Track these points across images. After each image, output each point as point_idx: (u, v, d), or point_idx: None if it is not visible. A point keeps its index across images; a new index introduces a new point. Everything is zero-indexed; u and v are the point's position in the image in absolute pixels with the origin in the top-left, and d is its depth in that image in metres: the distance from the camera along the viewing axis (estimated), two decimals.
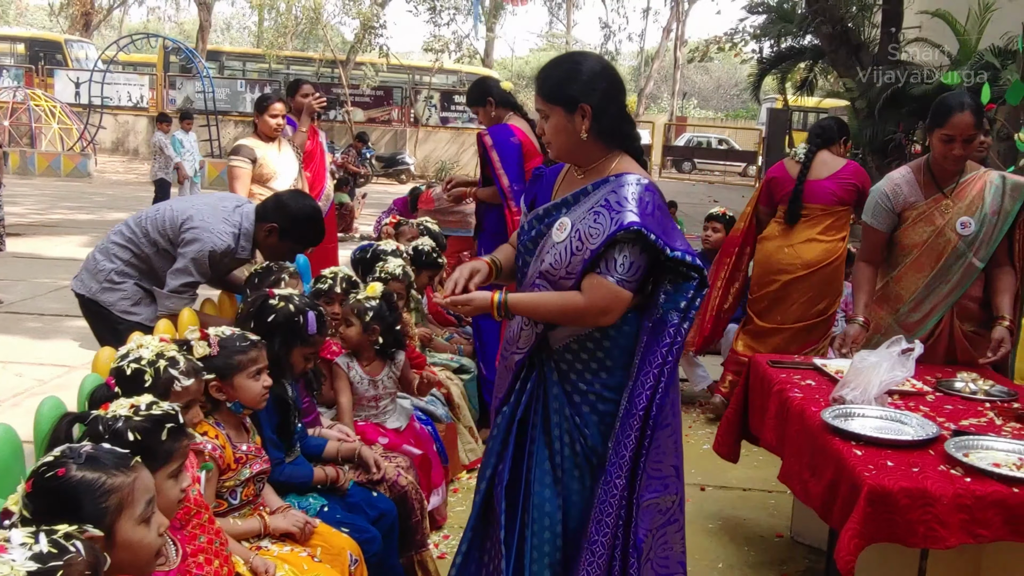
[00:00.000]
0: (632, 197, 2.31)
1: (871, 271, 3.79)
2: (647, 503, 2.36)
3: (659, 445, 2.37)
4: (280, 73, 26.72)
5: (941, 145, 3.53)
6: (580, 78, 2.39)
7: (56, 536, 1.35)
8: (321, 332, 2.82)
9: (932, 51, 15.59)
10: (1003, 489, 2.38)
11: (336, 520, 2.61)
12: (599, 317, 2.33)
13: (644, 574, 2.37)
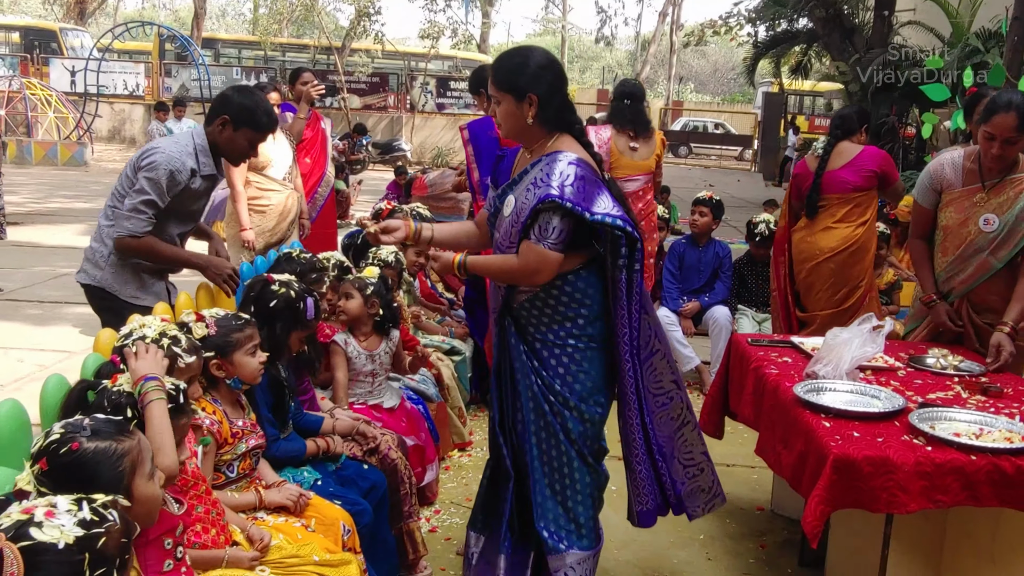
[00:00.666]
0: (557, 172, 2.66)
1: (924, 246, 3.86)
2: (659, 416, 2.89)
3: (653, 369, 2.85)
4: (276, 60, 26.76)
5: (983, 142, 3.55)
6: (529, 70, 2.73)
7: (96, 505, 1.46)
8: (317, 317, 2.94)
9: (926, 34, 15.68)
10: (962, 457, 2.50)
11: (329, 493, 2.74)
12: (532, 277, 2.70)
13: (674, 471, 2.94)
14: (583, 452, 2.83)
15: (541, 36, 54.23)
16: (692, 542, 3.62)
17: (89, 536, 1.42)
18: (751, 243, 5.94)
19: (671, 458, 2.93)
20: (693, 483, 2.98)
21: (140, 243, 3.33)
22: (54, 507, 1.44)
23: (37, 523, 1.41)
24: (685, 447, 2.96)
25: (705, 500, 3.02)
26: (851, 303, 4.89)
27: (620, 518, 3.75)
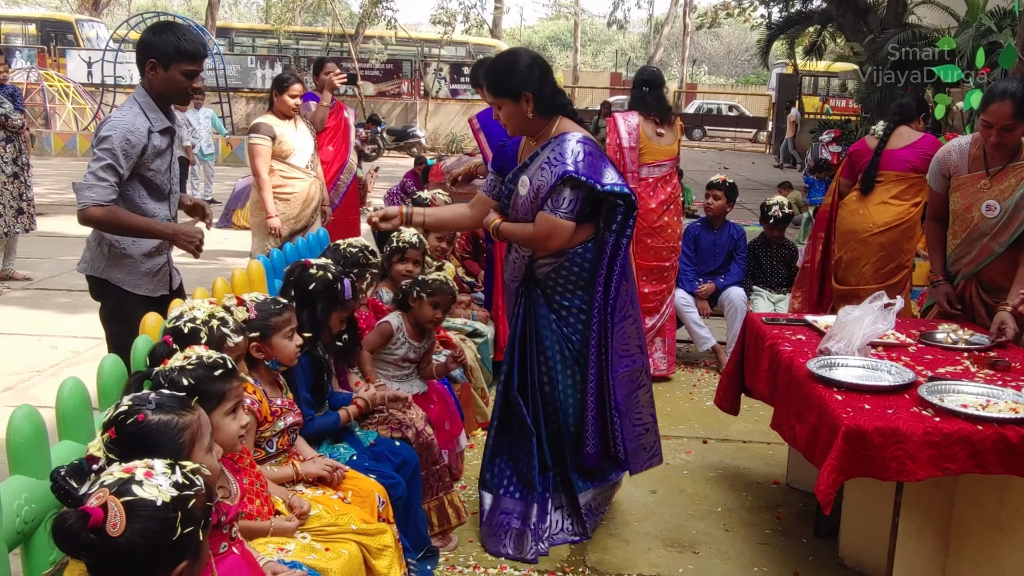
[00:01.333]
0: (569, 151, 3.11)
1: (938, 228, 3.99)
2: (620, 376, 3.27)
3: (623, 332, 3.26)
4: (290, 48, 26.89)
5: (982, 130, 3.66)
6: (518, 72, 3.15)
7: (187, 470, 1.61)
8: (355, 297, 3.07)
9: (941, 13, 15.61)
10: (968, 427, 2.62)
11: (364, 467, 2.87)
12: (546, 242, 3.16)
13: (625, 428, 3.31)
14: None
15: (554, 20, 54.10)
16: (710, 514, 3.74)
17: (182, 496, 1.56)
18: (765, 225, 6.03)
19: (624, 416, 3.31)
20: (638, 441, 3.40)
21: (105, 212, 3.19)
22: (152, 468, 1.58)
23: (138, 481, 1.55)
24: (637, 408, 3.39)
25: (645, 458, 3.47)
26: (897, 280, 5.01)
27: (641, 492, 3.91)
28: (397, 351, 3.64)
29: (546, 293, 3.25)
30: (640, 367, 3.36)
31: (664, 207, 5.38)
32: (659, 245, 5.37)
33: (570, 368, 3.27)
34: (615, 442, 3.30)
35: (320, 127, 6.31)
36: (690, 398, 5.23)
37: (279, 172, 5.69)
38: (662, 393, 5.29)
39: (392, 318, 3.67)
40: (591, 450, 3.31)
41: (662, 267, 5.42)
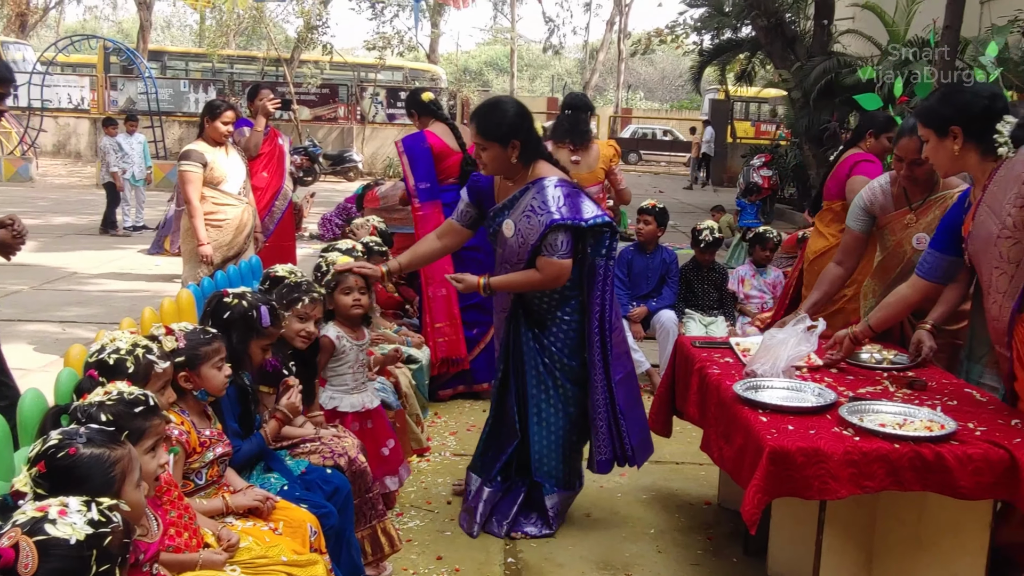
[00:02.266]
0: (551, 198, 3.42)
1: (836, 272, 4.02)
2: (619, 382, 3.62)
3: (615, 342, 3.63)
4: (224, 72, 26.62)
5: (895, 163, 3.81)
6: (508, 120, 3.44)
7: (103, 507, 1.59)
8: (275, 324, 3.05)
9: (865, 42, 16.15)
10: (886, 446, 2.70)
11: (296, 497, 2.84)
12: (555, 282, 3.50)
13: (630, 428, 3.67)
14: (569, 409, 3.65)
15: (490, 45, 54.49)
16: (643, 536, 3.79)
17: (97, 535, 1.54)
18: (696, 249, 6.15)
19: (628, 416, 3.65)
20: (640, 437, 3.75)
21: None
22: (66, 507, 1.57)
23: (51, 520, 1.54)
24: (636, 406, 3.76)
25: (645, 451, 3.82)
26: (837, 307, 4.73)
27: (576, 515, 3.93)
28: (348, 357, 3.64)
29: (537, 317, 3.62)
30: (632, 370, 3.82)
31: None
32: None
33: (543, 384, 3.63)
34: (621, 444, 3.65)
35: (254, 153, 6.27)
36: None
37: (211, 199, 5.64)
38: None
39: (328, 329, 3.65)
40: (604, 457, 3.66)
41: None
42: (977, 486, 2.68)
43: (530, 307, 3.62)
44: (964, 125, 3.02)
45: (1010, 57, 9.03)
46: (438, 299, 5.33)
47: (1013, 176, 2.88)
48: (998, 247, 2.93)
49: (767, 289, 6.23)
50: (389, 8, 25.71)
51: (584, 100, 5.63)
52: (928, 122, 3.15)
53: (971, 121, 3.02)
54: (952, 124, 3.05)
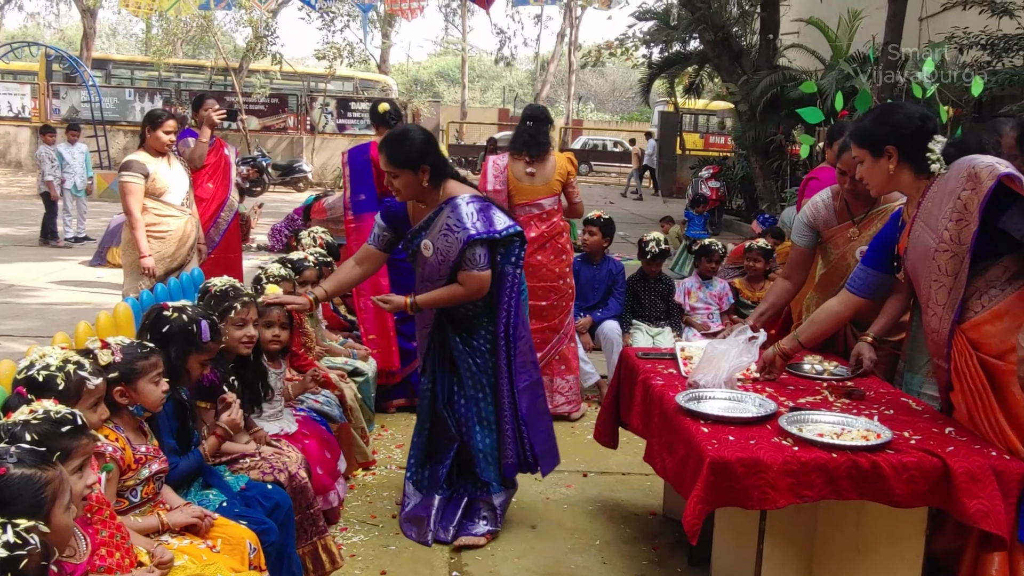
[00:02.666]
0: (465, 215, 3.60)
1: (784, 285, 4.09)
2: (522, 389, 3.77)
3: (520, 350, 3.78)
4: (171, 81, 26.27)
5: (838, 176, 3.87)
6: (416, 147, 3.59)
7: (19, 529, 1.54)
8: (215, 339, 3.00)
9: (809, 56, 16.46)
10: (824, 455, 2.74)
11: (235, 513, 2.80)
12: (478, 294, 3.64)
13: (533, 434, 3.81)
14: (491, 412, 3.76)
15: (442, 56, 54.51)
16: (588, 547, 3.79)
17: (12, 557, 1.50)
18: (643, 260, 6.19)
19: (532, 424, 3.80)
20: (546, 445, 3.89)
21: None
22: None
23: None
24: (540, 414, 3.90)
25: (551, 460, 3.94)
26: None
27: (522, 528, 3.93)
28: (274, 386, 3.59)
29: (458, 323, 3.74)
30: (538, 380, 3.90)
31: (536, 246, 5.28)
32: (533, 284, 5.26)
33: (479, 385, 3.75)
34: (526, 450, 3.79)
35: (199, 164, 6.18)
36: (572, 432, 5.29)
37: (152, 210, 5.55)
38: None
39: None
40: (511, 461, 3.78)
41: (538, 306, 5.32)
42: (912, 494, 2.72)
43: (455, 317, 3.74)
44: (898, 144, 3.08)
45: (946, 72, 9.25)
46: (368, 311, 5.30)
47: (947, 191, 2.95)
48: (936, 260, 2.99)
49: (712, 301, 6.30)
50: (339, 18, 25.53)
51: (544, 112, 5.59)
52: (863, 142, 3.19)
53: (905, 140, 3.07)
54: (887, 144, 3.09)
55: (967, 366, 2.94)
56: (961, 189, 2.89)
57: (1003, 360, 2.86)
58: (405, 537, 3.79)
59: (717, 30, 15.82)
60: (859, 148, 3.21)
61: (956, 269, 2.94)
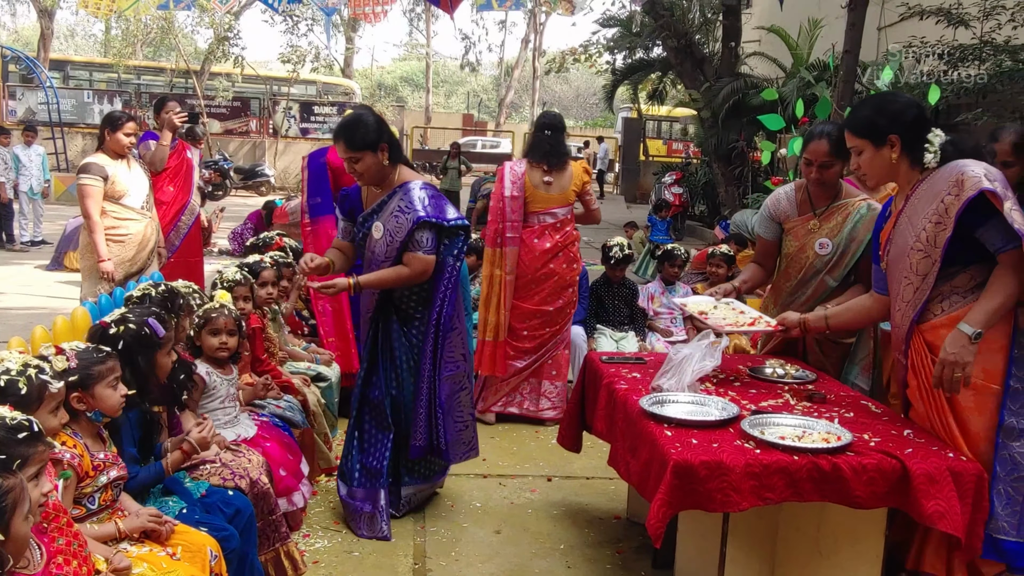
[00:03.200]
0: (417, 199, 3.72)
1: (756, 268, 4.19)
2: (446, 378, 3.86)
3: (451, 342, 3.87)
4: (130, 83, 25.92)
5: (804, 168, 3.90)
6: (372, 128, 3.70)
7: None
8: (168, 328, 2.95)
9: (770, 64, 16.65)
10: (786, 458, 2.76)
11: (195, 520, 2.76)
12: (421, 277, 3.75)
13: (447, 424, 3.89)
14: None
15: (406, 61, 54.39)
16: (552, 552, 3.79)
17: None
18: (607, 265, 6.22)
19: (448, 414, 3.90)
20: (458, 435, 4.02)
21: None
22: None
23: None
24: (459, 407, 4.00)
25: (464, 451, 4.10)
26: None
27: (486, 532, 3.92)
28: (219, 392, 3.56)
29: (399, 311, 3.83)
30: (464, 373, 3.99)
31: (550, 255, 5.41)
32: (542, 292, 5.42)
33: (413, 372, 3.83)
34: (438, 436, 3.85)
35: (159, 167, 6.11)
36: (536, 437, 5.30)
37: (112, 213, 5.47)
38: (508, 432, 5.35)
39: (198, 366, 3.57)
40: (419, 443, 3.85)
41: (544, 311, 5.44)
42: (872, 495, 2.76)
43: (395, 304, 3.83)
44: (901, 134, 3.05)
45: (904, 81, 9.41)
46: (328, 315, 5.26)
47: (934, 192, 2.96)
48: (910, 258, 3.02)
49: (675, 306, 6.33)
50: (303, 22, 25.35)
51: (561, 121, 5.64)
52: (863, 132, 3.12)
53: (907, 129, 3.04)
54: (890, 133, 3.05)
55: (923, 366, 3.00)
56: (946, 193, 2.90)
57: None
58: (367, 542, 3.77)
59: (680, 37, 15.94)
60: (858, 138, 3.14)
61: (926, 270, 2.97)
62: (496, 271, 5.43)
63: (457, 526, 3.99)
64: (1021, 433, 2.85)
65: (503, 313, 5.42)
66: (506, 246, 5.40)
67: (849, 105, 9.19)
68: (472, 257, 6.40)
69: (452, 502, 4.24)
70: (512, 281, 5.41)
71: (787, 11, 12.64)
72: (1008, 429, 2.88)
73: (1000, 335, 2.90)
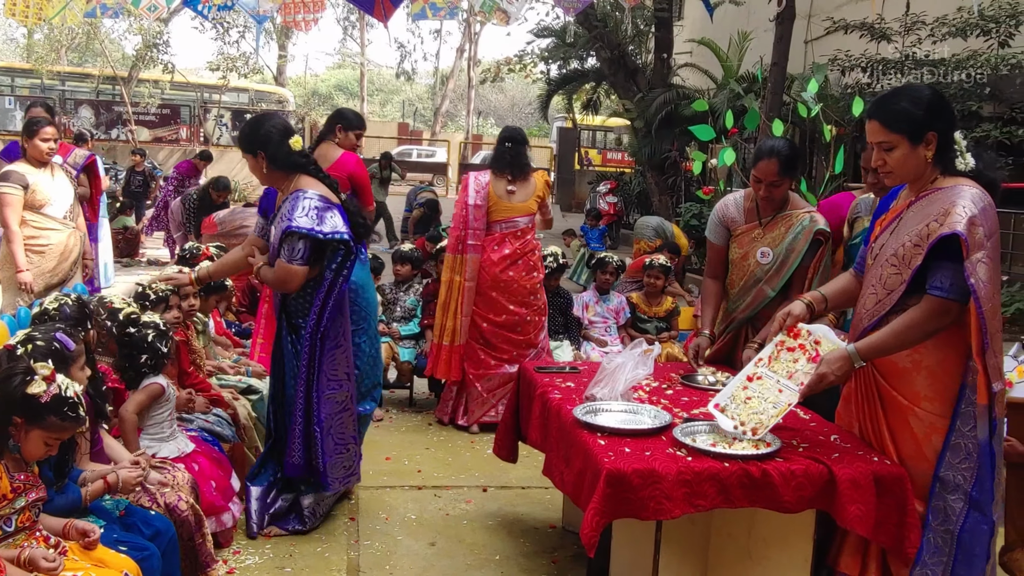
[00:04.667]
0: (300, 207, 3.63)
1: (715, 285, 4.14)
2: (326, 396, 3.78)
3: (332, 359, 3.79)
4: (55, 90, 25.17)
5: (753, 184, 3.92)
6: (258, 133, 3.74)
7: None
8: (78, 342, 2.83)
9: (702, 75, 16.93)
10: (717, 465, 2.79)
11: (113, 540, 2.66)
12: (284, 285, 3.72)
13: (326, 444, 3.80)
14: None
15: (340, 69, 53.96)
16: (488, 563, 3.77)
17: None
18: None
19: (326, 433, 3.81)
20: (337, 458, 3.88)
21: None
22: None
23: None
24: (340, 427, 3.88)
25: (344, 476, 3.96)
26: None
27: (420, 545, 3.89)
28: (170, 404, 3.48)
29: (288, 318, 3.81)
30: (347, 392, 3.89)
31: (508, 261, 5.52)
32: (504, 300, 5.51)
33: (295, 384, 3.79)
34: (315, 456, 3.79)
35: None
36: (471, 447, 5.28)
37: (32, 223, 5.31)
38: (444, 443, 5.32)
39: (159, 379, 3.48)
40: (294, 460, 3.81)
41: (513, 320, 5.54)
42: (800, 500, 2.80)
43: (286, 311, 3.84)
44: (941, 131, 2.78)
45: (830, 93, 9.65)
46: (270, 318, 5.15)
47: (927, 212, 2.77)
48: (883, 269, 2.90)
49: (610, 315, 6.38)
50: (234, 29, 24.96)
51: (522, 134, 5.80)
52: (899, 126, 2.80)
53: (947, 128, 2.80)
54: (930, 129, 2.77)
55: (865, 372, 2.99)
56: (933, 218, 2.72)
57: (887, 381, 2.91)
58: (300, 556, 3.71)
59: (613, 48, 16.12)
60: (893, 133, 2.80)
61: (893, 287, 2.85)
62: (456, 277, 5.55)
63: (391, 539, 3.95)
64: (956, 488, 2.77)
65: (460, 319, 5.52)
66: (467, 253, 5.51)
67: (777, 116, 9.40)
68: (407, 267, 6.37)
69: (386, 515, 4.19)
70: (472, 287, 5.52)
71: (717, 24, 12.88)
72: (944, 481, 2.79)
73: (930, 359, 2.80)
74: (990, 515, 2.75)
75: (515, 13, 7.04)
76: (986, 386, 2.68)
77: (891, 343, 2.80)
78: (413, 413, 5.91)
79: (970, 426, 2.75)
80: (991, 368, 2.67)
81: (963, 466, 2.77)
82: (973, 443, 2.75)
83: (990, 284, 2.65)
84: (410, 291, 6.39)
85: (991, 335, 2.67)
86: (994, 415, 2.73)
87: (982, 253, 2.64)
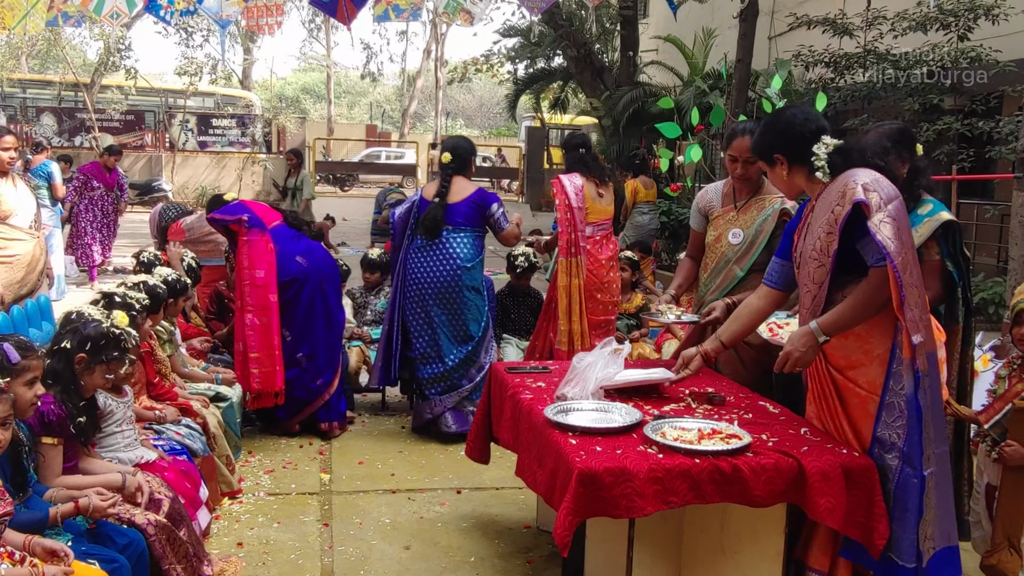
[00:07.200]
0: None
1: (690, 262, 4.34)
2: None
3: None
4: (15, 97, 24.83)
5: (729, 164, 4.06)
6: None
7: None
8: (25, 354, 2.74)
9: (668, 73, 17.04)
10: (688, 461, 2.81)
11: (82, 552, 2.62)
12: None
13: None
14: None
15: (307, 72, 53.69)
16: (463, 565, 3.76)
17: None
18: (512, 275, 6.24)
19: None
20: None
21: None
22: None
23: None
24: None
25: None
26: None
27: (395, 549, 3.87)
28: (116, 416, 3.42)
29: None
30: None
31: (610, 263, 5.56)
32: (606, 300, 5.54)
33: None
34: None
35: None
36: (445, 450, 5.26)
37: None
38: (416, 446, 5.30)
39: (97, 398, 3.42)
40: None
41: (608, 320, 5.60)
42: (770, 494, 2.82)
43: None
44: (785, 152, 3.08)
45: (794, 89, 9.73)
46: (255, 327, 5.08)
47: (828, 202, 2.95)
48: (808, 266, 3.03)
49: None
50: (198, 33, 24.72)
51: (589, 140, 5.87)
52: (757, 153, 3.27)
53: (790, 147, 3.06)
54: (774, 152, 3.10)
55: (817, 370, 3.07)
56: (835, 203, 2.89)
57: (843, 374, 2.98)
58: (272, 565, 3.68)
59: (579, 47, 16.17)
60: (758, 160, 3.29)
61: (821, 279, 2.97)
62: (575, 280, 5.42)
63: (366, 544, 3.93)
64: (892, 446, 2.85)
65: (585, 321, 5.46)
66: (579, 255, 5.42)
67: (743, 112, 9.47)
68: (376, 274, 6.35)
69: (360, 519, 4.18)
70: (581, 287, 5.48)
71: (682, 21, 12.96)
72: (881, 440, 2.88)
73: (880, 347, 2.90)
74: (919, 468, 2.80)
75: (479, 13, 7.03)
76: (907, 339, 2.79)
77: (848, 315, 2.90)
78: (386, 416, 5.88)
79: (901, 385, 2.84)
80: (910, 321, 2.79)
81: (897, 424, 2.85)
82: (904, 401, 2.83)
83: (897, 240, 2.78)
84: (380, 294, 6.37)
85: (907, 287, 2.78)
86: (916, 367, 2.80)
87: (883, 214, 2.81)
